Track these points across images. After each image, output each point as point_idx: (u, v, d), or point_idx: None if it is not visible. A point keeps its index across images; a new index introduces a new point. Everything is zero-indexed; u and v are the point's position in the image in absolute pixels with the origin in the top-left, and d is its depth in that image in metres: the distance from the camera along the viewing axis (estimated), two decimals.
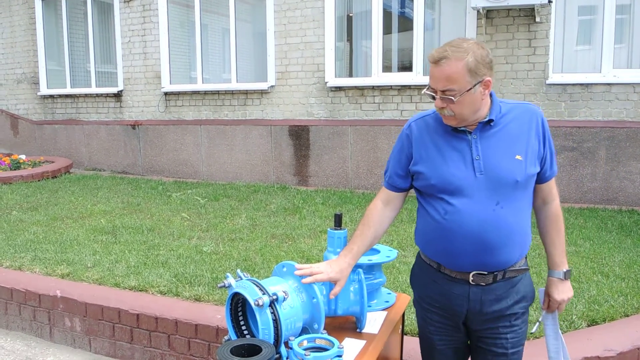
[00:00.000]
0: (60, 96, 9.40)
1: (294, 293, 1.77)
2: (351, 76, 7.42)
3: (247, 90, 7.73)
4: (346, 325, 2.04)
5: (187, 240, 4.75)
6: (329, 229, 2.06)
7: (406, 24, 7.10)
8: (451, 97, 1.70)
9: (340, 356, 1.62)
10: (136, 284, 3.69)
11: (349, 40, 7.50)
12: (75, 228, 5.19)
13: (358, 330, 1.99)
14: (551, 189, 1.91)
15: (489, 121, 1.78)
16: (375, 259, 2.17)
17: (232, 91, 7.84)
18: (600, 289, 3.47)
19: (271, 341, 1.67)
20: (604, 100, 6.00)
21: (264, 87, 7.54)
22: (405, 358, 2.51)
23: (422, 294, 1.98)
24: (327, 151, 7.23)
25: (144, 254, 4.37)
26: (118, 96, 8.77)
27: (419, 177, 1.87)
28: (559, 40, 6.28)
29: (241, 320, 1.81)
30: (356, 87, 7.06)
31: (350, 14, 7.39)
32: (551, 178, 1.89)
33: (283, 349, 1.69)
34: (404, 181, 1.94)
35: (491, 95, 1.81)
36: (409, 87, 6.78)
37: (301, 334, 1.78)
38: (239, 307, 1.80)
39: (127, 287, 3.69)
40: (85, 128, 9.11)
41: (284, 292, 1.70)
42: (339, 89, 7.16)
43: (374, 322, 2.05)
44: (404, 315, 2.34)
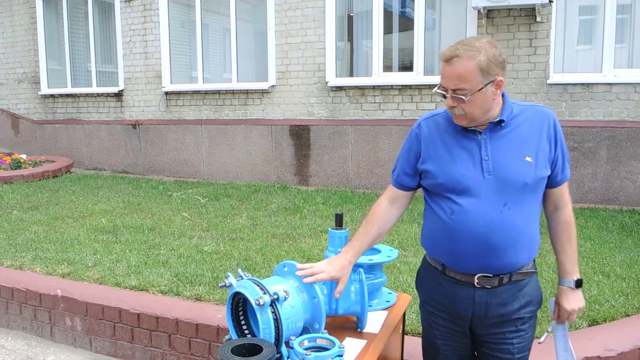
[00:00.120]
0: (61, 96, 9.41)
1: (295, 292, 1.77)
2: (352, 76, 7.42)
3: (247, 90, 7.73)
4: (347, 325, 2.03)
5: (187, 240, 4.75)
6: (329, 229, 2.06)
7: (407, 23, 7.09)
8: (462, 96, 1.68)
9: (341, 356, 1.62)
10: (137, 284, 3.69)
11: (349, 40, 7.49)
12: (76, 227, 5.20)
13: (359, 330, 1.99)
14: (563, 194, 1.87)
15: (500, 122, 1.76)
16: (376, 259, 2.17)
17: (233, 91, 7.84)
18: (601, 288, 3.47)
19: (272, 341, 1.66)
20: (605, 100, 5.99)
21: (264, 86, 7.54)
22: (405, 358, 2.51)
23: (427, 297, 1.96)
24: (327, 151, 7.23)
25: (145, 253, 4.37)
26: (119, 96, 8.77)
27: (427, 176, 1.85)
28: (559, 40, 6.27)
29: (242, 320, 1.81)
30: (357, 87, 7.06)
31: (351, 14, 7.39)
32: (563, 182, 1.85)
33: (284, 348, 1.69)
34: (412, 180, 1.92)
35: (503, 96, 1.78)
36: (409, 86, 6.78)
37: (302, 333, 1.78)
38: (239, 306, 1.80)
39: (127, 286, 3.69)
40: (86, 128, 9.12)
41: (284, 291, 1.70)
42: (339, 88, 7.16)
43: (374, 321, 2.05)
44: (404, 315, 2.34)
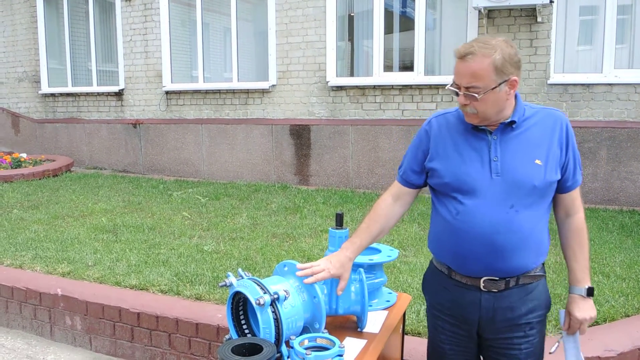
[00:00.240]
0: (61, 95, 9.41)
1: (295, 292, 1.77)
2: (352, 76, 7.42)
3: (248, 90, 7.73)
4: (347, 324, 2.03)
5: (188, 239, 4.75)
6: (330, 228, 2.06)
7: (407, 23, 7.09)
8: (475, 94, 1.66)
9: (341, 355, 1.62)
10: (137, 283, 3.69)
11: (350, 40, 7.49)
12: (76, 227, 5.20)
13: (359, 330, 1.98)
14: (574, 200, 1.83)
15: (511, 122, 1.74)
16: (377, 259, 2.17)
17: (233, 90, 7.84)
18: (601, 289, 3.47)
19: (272, 340, 1.66)
20: (605, 100, 5.99)
21: (265, 86, 7.54)
22: (405, 358, 2.50)
23: (433, 301, 1.94)
24: (328, 150, 7.23)
25: (145, 252, 4.37)
26: (119, 95, 8.77)
27: (434, 174, 1.83)
28: (560, 40, 6.27)
29: (242, 319, 1.81)
30: (357, 87, 7.06)
31: (352, 14, 7.39)
32: (574, 188, 1.82)
33: (284, 348, 1.69)
34: (418, 177, 1.90)
35: (516, 97, 1.76)
36: (410, 86, 6.78)
37: (302, 333, 1.78)
38: (240, 306, 1.80)
39: (127, 285, 3.69)
40: (87, 127, 9.12)
41: (285, 291, 1.70)
42: (340, 88, 7.16)
43: (374, 321, 2.05)
44: (404, 315, 2.34)
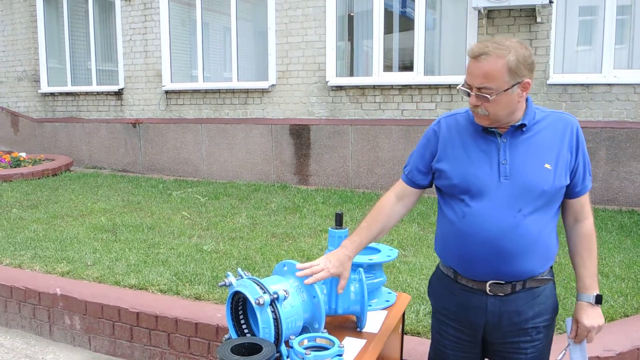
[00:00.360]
0: (61, 94, 9.40)
1: (295, 292, 1.77)
2: (352, 75, 7.42)
3: (248, 89, 7.73)
4: (346, 324, 2.03)
5: (187, 239, 4.75)
6: (329, 228, 2.05)
7: (407, 23, 7.09)
8: (487, 95, 1.64)
9: (340, 355, 1.62)
10: (136, 283, 3.69)
11: (350, 40, 7.49)
12: (76, 226, 5.19)
13: (358, 330, 1.98)
14: (583, 205, 1.81)
15: (521, 125, 1.72)
16: (376, 259, 2.16)
17: (233, 90, 7.84)
18: (600, 289, 3.43)
19: (272, 340, 1.66)
20: (605, 100, 6.00)
21: (264, 86, 7.54)
22: (405, 358, 2.51)
23: (438, 306, 1.93)
24: (327, 150, 7.23)
25: (144, 252, 4.37)
26: (119, 94, 8.77)
27: (441, 176, 1.81)
28: (559, 40, 6.28)
29: (242, 319, 1.81)
30: (357, 87, 7.06)
31: (352, 14, 7.39)
32: (583, 193, 1.80)
33: (283, 347, 1.69)
34: (424, 178, 1.89)
35: (527, 100, 1.74)
36: (409, 86, 6.78)
37: (302, 332, 1.78)
38: (239, 305, 1.80)
39: (127, 285, 3.69)
40: (86, 126, 9.11)
41: (284, 291, 1.70)
42: (339, 88, 7.16)
43: (374, 321, 2.05)
44: (404, 315, 2.34)
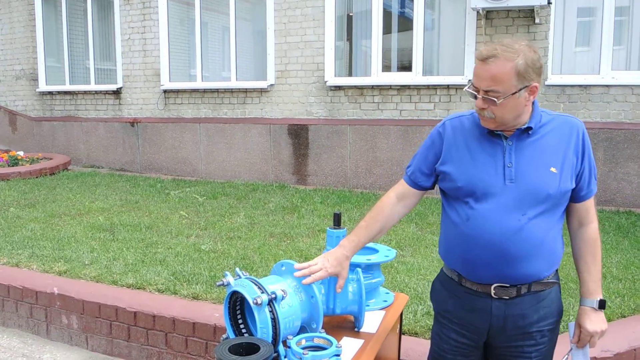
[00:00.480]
0: (59, 93, 9.39)
1: (293, 292, 1.77)
2: (351, 75, 7.42)
3: (246, 89, 7.72)
4: (344, 324, 2.03)
5: (185, 239, 4.75)
6: (327, 228, 2.05)
7: (406, 24, 7.10)
8: (494, 99, 1.63)
9: (338, 355, 1.61)
10: (134, 282, 3.69)
11: (348, 40, 7.49)
12: (73, 225, 5.19)
13: (356, 330, 1.98)
14: (588, 209, 1.80)
15: (527, 129, 1.71)
16: (374, 259, 2.16)
17: (232, 89, 7.83)
18: None
19: (269, 340, 1.66)
20: (603, 101, 6.01)
21: (263, 85, 7.54)
22: (402, 358, 2.51)
23: (440, 309, 1.92)
24: (326, 150, 7.23)
25: (142, 251, 4.36)
26: (117, 93, 8.76)
27: (445, 178, 1.80)
28: (558, 41, 6.29)
29: (239, 319, 1.81)
30: (355, 87, 7.06)
31: (350, 14, 7.39)
32: (588, 198, 1.79)
33: (281, 347, 1.69)
34: (427, 179, 1.88)
35: (533, 103, 1.73)
36: (408, 87, 6.78)
37: (299, 332, 1.78)
38: (237, 305, 1.80)
39: (124, 284, 3.68)
40: (84, 125, 9.10)
41: (282, 290, 1.70)
42: (338, 88, 7.16)
43: (372, 321, 2.04)
44: (402, 315, 2.34)
